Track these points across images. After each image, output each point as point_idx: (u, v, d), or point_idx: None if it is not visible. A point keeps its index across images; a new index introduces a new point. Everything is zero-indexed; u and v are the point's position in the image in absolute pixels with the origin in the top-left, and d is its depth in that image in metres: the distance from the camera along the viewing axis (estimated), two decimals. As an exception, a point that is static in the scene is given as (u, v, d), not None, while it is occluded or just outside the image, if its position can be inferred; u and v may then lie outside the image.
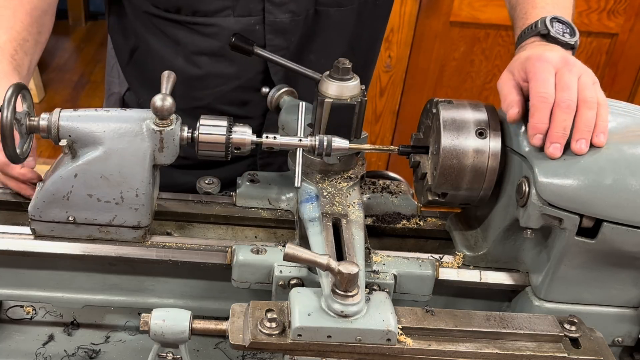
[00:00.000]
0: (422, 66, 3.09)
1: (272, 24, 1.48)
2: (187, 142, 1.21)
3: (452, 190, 1.21)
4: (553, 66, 1.13)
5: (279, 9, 1.46)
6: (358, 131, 1.29)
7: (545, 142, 1.10)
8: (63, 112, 1.17)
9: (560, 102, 1.10)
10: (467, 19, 2.99)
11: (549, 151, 1.10)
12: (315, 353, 1.01)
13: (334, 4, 1.51)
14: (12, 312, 1.39)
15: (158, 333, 1.04)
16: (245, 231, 1.37)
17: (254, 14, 1.46)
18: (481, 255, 1.26)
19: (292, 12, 1.47)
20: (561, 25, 1.26)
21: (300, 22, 1.49)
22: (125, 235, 1.23)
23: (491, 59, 3.09)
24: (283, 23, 1.48)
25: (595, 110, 1.10)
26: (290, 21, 1.48)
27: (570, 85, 1.11)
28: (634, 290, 1.21)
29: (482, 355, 1.05)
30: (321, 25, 1.53)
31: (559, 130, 1.09)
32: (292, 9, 1.47)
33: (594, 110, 1.10)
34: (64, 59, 4.87)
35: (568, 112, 1.10)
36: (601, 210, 1.11)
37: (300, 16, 1.49)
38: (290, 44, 1.51)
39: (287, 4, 1.47)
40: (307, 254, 1.01)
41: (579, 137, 1.10)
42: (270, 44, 1.50)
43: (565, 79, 1.11)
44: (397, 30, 2.97)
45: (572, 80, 1.11)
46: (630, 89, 3.20)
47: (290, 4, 1.47)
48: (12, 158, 1.15)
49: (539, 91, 1.11)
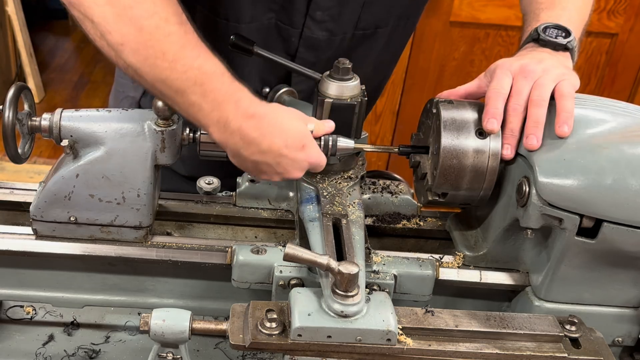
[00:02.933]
0: (422, 66, 3.09)
1: (307, 39, 1.47)
2: (188, 142, 1.21)
3: (452, 190, 1.21)
4: (511, 72, 1.21)
5: (318, 26, 1.45)
6: (358, 131, 1.29)
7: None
8: (65, 112, 1.17)
9: (509, 107, 1.18)
10: (467, 19, 2.99)
11: (502, 153, 1.18)
12: (315, 353, 1.01)
13: (372, 27, 1.51)
14: (12, 312, 1.39)
15: (158, 333, 1.04)
16: (245, 231, 1.37)
17: (294, 26, 1.46)
18: (481, 255, 1.26)
19: (329, 32, 1.46)
20: (555, 30, 1.30)
21: (335, 42, 1.48)
22: (126, 235, 1.23)
23: (491, 59, 3.08)
24: (318, 40, 1.47)
25: (543, 107, 1.17)
26: (326, 39, 1.47)
27: (521, 90, 1.19)
28: (633, 290, 1.21)
29: (482, 355, 1.05)
30: (354, 45, 1.52)
31: (507, 132, 1.18)
32: (330, 29, 1.46)
33: (542, 108, 1.17)
34: (64, 59, 4.87)
35: (515, 114, 1.18)
36: (601, 210, 1.11)
37: (337, 36, 1.48)
38: (319, 60, 1.50)
39: (326, 23, 1.45)
40: (307, 254, 1.01)
41: (527, 133, 1.16)
42: (300, 57, 1.49)
43: (517, 86, 1.19)
44: (397, 30, 2.97)
45: (523, 86, 1.19)
46: (630, 89, 3.20)
47: (329, 22, 1.45)
48: (13, 158, 1.15)
49: (493, 87, 1.20)
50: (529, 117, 1.17)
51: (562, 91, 1.18)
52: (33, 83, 4.26)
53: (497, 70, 1.23)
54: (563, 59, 1.27)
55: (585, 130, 1.16)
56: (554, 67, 1.22)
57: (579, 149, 1.13)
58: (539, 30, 1.30)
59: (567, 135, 1.14)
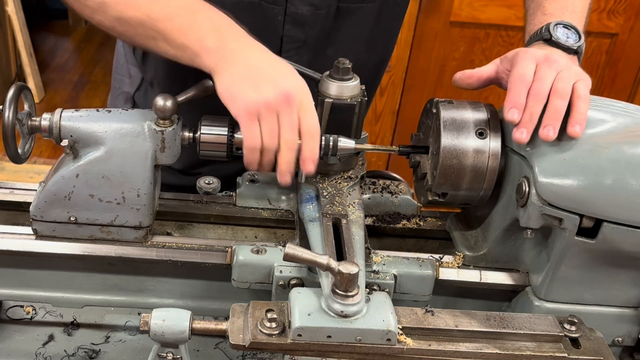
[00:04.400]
0: (422, 66, 3.09)
1: (292, 15, 1.46)
2: (188, 142, 1.21)
3: (452, 190, 1.21)
4: (535, 59, 1.18)
5: (302, 1, 1.45)
6: (358, 131, 1.29)
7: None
8: (65, 112, 1.17)
9: (532, 90, 1.14)
10: (467, 19, 2.99)
11: (516, 135, 1.14)
12: (315, 353, 1.01)
13: (357, 0, 1.51)
14: (12, 312, 1.39)
15: (158, 333, 1.04)
16: (245, 231, 1.37)
17: (278, 3, 1.45)
18: (481, 255, 1.26)
19: (313, 6, 1.46)
20: (565, 31, 1.29)
21: (321, 16, 1.48)
22: (126, 235, 1.23)
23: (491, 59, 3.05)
24: (303, 15, 1.46)
25: (565, 100, 1.14)
26: (311, 14, 1.46)
27: (545, 77, 1.15)
28: (634, 290, 1.21)
29: (482, 355, 1.05)
30: (341, 20, 1.51)
31: (526, 116, 1.14)
32: (314, 3, 1.45)
33: (564, 100, 1.14)
34: (64, 59, 4.88)
35: (537, 99, 1.14)
36: (601, 210, 1.11)
37: (321, 10, 1.47)
38: (308, 37, 1.49)
39: None
40: (307, 254, 1.01)
41: (546, 123, 1.13)
42: (288, 35, 1.49)
43: (541, 72, 1.16)
44: (397, 30, 2.97)
45: (547, 73, 1.16)
46: (630, 89, 3.20)
47: None
48: (13, 158, 1.16)
49: (517, 73, 1.16)
50: (550, 107, 1.14)
51: (579, 92, 1.16)
52: (33, 83, 4.26)
53: (520, 56, 1.19)
54: (572, 62, 1.27)
55: (585, 130, 1.15)
56: (572, 65, 1.21)
57: (579, 149, 1.13)
58: (550, 30, 1.28)
59: (578, 136, 1.13)
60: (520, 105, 1.14)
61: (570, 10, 1.34)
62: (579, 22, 1.33)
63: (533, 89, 1.15)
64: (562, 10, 1.33)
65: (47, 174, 1.24)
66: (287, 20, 1.47)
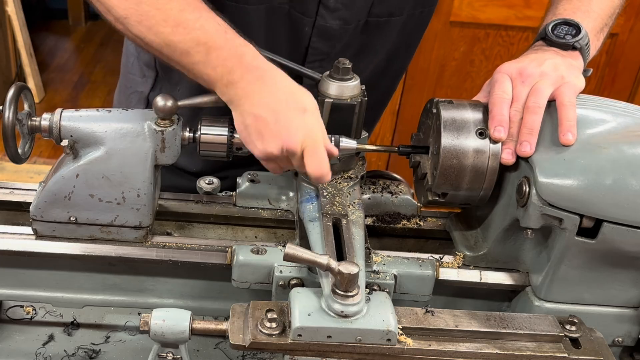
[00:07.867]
0: (422, 66, 3.09)
1: (320, 27, 1.45)
2: (188, 142, 1.21)
3: (452, 190, 1.21)
4: (509, 76, 1.22)
5: (332, 14, 1.43)
6: (358, 131, 1.29)
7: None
8: (65, 112, 1.17)
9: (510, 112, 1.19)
10: (467, 19, 2.99)
11: (502, 157, 1.18)
12: (315, 353, 1.01)
13: (386, 14, 1.49)
14: (12, 312, 1.39)
15: (158, 333, 1.04)
16: (245, 231, 1.37)
17: (307, 15, 1.44)
18: (481, 255, 1.26)
19: (343, 20, 1.45)
20: (565, 28, 1.29)
21: (349, 30, 1.47)
22: (126, 235, 1.23)
23: (491, 59, 3.08)
24: (332, 29, 1.45)
25: (539, 114, 1.17)
26: (339, 28, 1.45)
27: (519, 95, 1.20)
28: (634, 290, 1.21)
29: (482, 355, 1.05)
30: (368, 34, 1.50)
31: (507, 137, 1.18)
32: (344, 17, 1.44)
33: (537, 115, 1.17)
34: (64, 59, 4.88)
35: (514, 121, 1.19)
36: (601, 210, 1.11)
37: (350, 25, 1.46)
38: (332, 50, 1.49)
39: (340, 11, 1.43)
40: (307, 254, 1.01)
41: (521, 139, 1.17)
42: (314, 47, 1.48)
43: (516, 91, 1.21)
44: (397, 30, 2.97)
45: (521, 92, 1.20)
46: (630, 89, 3.20)
47: (343, 11, 1.44)
48: (13, 158, 1.15)
49: (495, 94, 1.21)
50: (524, 124, 1.17)
51: (562, 99, 1.17)
52: (33, 83, 4.26)
53: (495, 77, 1.24)
54: (571, 59, 1.26)
55: (585, 130, 1.16)
56: (553, 70, 1.21)
57: (579, 149, 1.14)
58: (547, 28, 1.29)
59: (572, 143, 1.14)
60: (505, 123, 1.18)
61: (582, 10, 1.33)
62: (590, 21, 1.32)
63: (510, 112, 1.19)
64: (573, 11, 1.33)
65: (47, 174, 1.24)
66: (314, 33, 1.46)
